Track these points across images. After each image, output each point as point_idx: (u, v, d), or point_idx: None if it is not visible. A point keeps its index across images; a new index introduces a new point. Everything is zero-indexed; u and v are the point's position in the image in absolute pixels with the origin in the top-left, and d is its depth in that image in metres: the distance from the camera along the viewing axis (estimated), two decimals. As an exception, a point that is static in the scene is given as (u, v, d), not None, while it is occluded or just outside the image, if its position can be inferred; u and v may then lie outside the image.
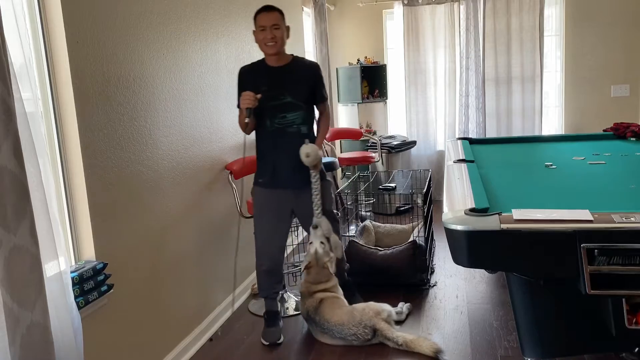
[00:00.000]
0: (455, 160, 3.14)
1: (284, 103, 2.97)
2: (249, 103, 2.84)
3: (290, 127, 3.00)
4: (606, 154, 3.29)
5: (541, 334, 2.10)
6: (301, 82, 3.03)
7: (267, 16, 2.92)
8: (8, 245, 1.56)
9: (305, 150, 2.90)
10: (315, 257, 3.07)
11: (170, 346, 2.82)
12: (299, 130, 3.01)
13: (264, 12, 2.94)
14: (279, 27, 2.93)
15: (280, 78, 2.98)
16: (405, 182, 4.70)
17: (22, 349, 1.60)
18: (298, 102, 3.00)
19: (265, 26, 2.90)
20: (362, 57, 6.23)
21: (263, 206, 3.11)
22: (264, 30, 2.91)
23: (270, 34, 2.90)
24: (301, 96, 3.01)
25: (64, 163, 2.18)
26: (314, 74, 3.10)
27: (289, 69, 3.03)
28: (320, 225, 3.06)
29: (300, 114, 3.01)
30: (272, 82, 2.96)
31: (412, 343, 2.86)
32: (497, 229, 1.89)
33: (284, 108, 2.98)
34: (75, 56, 2.14)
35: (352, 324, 2.94)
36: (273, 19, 2.92)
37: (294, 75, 3.02)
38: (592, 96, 5.78)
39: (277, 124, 2.99)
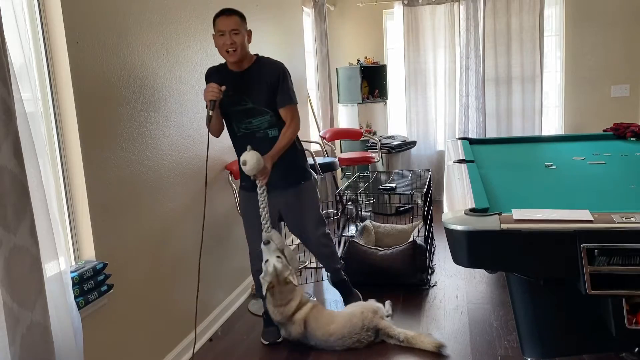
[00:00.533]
0: (455, 161, 3.14)
1: (247, 108, 2.87)
2: (212, 95, 2.69)
3: (258, 132, 2.90)
4: (606, 154, 3.29)
5: (541, 334, 2.10)
6: (262, 85, 2.86)
7: (226, 20, 2.74)
8: (8, 245, 1.56)
9: (242, 158, 2.71)
10: (275, 273, 2.87)
11: (170, 346, 2.82)
12: (267, 135, 2.90)
13: (222, 15, 2.76)
14: (239, 32, 2.75)
15: (241, 83, 2.85)
16: (405, 182, 4.70)
17: (22, 348, 1.60)
18: (261, 107, 2.87)
19: (224, 31, 2.74)
20: (362, 57, 6.23)
21: (247, 209, 3.06)
22: (223, 35, 2.74)
23: (230, 39, 2.73)
24: (263, 101, 2.86)
25: (64, 163, 2.18)
26: (275, 76, 2.87)
27: (250, 73, 2.87)
28: (271, 239, 2.89)
29: (266, 118, 2.89)
30: (235, 88, 2.83)
31: (414, 339, 2.87)
32: (497, 229, 1.89)
33: (248, 113, 2.88)
34: (75, 56, 2.14)
35: (354, 332, 2.91)
36: (232, 23, 2.74)
37: (254, 80, 2.87)
38: (592, 96, 5.78)
39: (243, 129, 2.91)
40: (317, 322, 2.95)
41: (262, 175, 2.78)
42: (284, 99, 2.89)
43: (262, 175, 2.78)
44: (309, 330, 2.94)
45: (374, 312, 3.00)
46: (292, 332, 2.97)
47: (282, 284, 2.90)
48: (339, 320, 2.97)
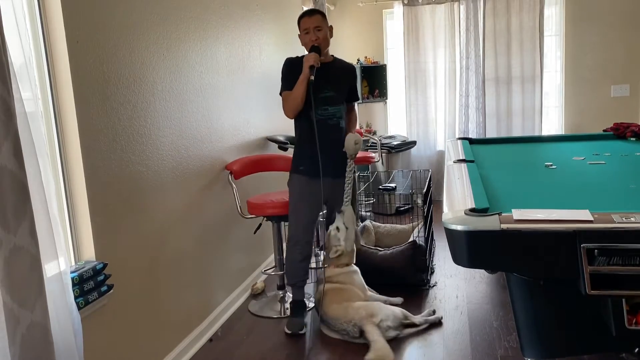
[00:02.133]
0: (455, 160, 3.14)
1: (326, 96, 3.14)
2: (312, 61, 3.00)
3: (331, 119, 3.16)
4: (606, 154, 3.29)
5: (541, 334, 2.10)
6: (342, 79, 3.25)
7: (310, 19, 3.11)
8: (8, 246, 1.56)
9: (354, 139, 3.13)
10: (328, 237, 3.20)
11: (171, 346, 2.82)
12: (338, 123, 3.19)
13: (306, 16, 3.14)
14: (322, 28, 3.10)
15: (324, 73, 3.11)
16: (405, 182, 4.70)
17: (22, 349, 1.60)
18: (338, 97, 3.20)
19: (308, 29, 3.10)
20: (362, 57, 6.23)
21: (302, 194, 3.19)
22: (308, 32, 3.10)
23: (314, 36, 3.08)
24: (341, 92, 3.23)
25: (64, 163, 2.18)
26: (352, 75, 3.36)
27: (331, 66, 3.22)
28: (344, 212, 3.18)
29: (340, 108, 3.21)
30: (320, 76, 3.08)
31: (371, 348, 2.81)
32: (497, 229, 1.89)
33: (326, 101, 3.14)
34: (75, 56, 2.14)
35: (344, 320, 3.01)
36: (315, 21, 3.10)
37: (336, 73, 3.23)
38: (592, 96, 5.78)
39: (319, 115, 3.13)
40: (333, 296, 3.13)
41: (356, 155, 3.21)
42: (356, 95, 3.41)
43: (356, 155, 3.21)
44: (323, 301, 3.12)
45: (369, 314, 2.97)
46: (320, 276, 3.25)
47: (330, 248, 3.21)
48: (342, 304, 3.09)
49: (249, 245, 3.89)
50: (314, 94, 3.09)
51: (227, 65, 3.57)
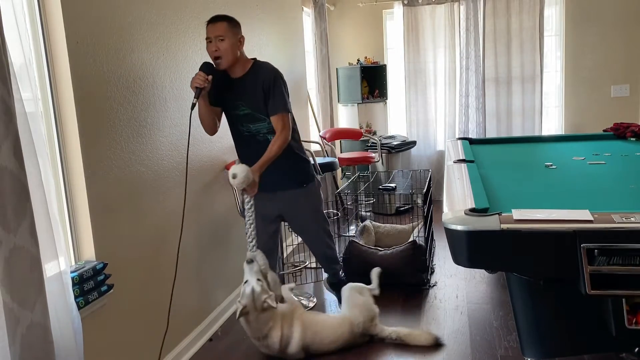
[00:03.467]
0: (455, 160, 3.14)
1: (244, 114, 2.86)
2: (198, 82, 2.63)
3: (258, 135, 2.89)
4: (606, 154, 3.29)
5: (541, 334, 2.10)
6: (256, 92, 2.81)
7: (212, 28, 2.72)
8: (8, 245, 1.56)
9: (232, 172, 2.66)
10: (252, 297, 2.65)
11: (170, 346, 2.82)
12: (267, 139, 2.85)
13: (209, 23, 2.74)
14: (224, 38, 2.70)
15: (237, 89, 2.84)
16: (405, 182, 4.69)
17: (22, 349, 1.60)
18: (257, 114, 2.84)
19: (210, 38, 2.72)
20: (362, 57, 6.23)
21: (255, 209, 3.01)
22: (210, 42, 2.72)
23: (214, 46, 2.70)
24: (258, 108, 2.83)
25: (64, 163, 2.18)
26: (267, 81, 2.80)
27: (245, 79, 2.84)
28: (255, 259, 2.74)
29: (264, 124, 2.86)
30: (232, 93, 2.85)
31: (407, 337, 2.91)
32: (497, 229, 1.89)
33: (246, 119, 2.87)
34: (75, 56, 2.14)
35: (355, 337, 2.92)
36: (217, 29, 2.70)
37: (247, 87, 2.83)
38: (592, 96, 5.78)
39: (246, 131, 2.91)
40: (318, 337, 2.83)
41: (251, 189, 2.73)
42: (275, 106, 2.81)
43: (251, 189, 2.73)
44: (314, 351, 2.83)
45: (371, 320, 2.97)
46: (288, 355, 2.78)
47: (258, 309, 2.67)
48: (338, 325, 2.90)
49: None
50: (232, 112, 2.87)
51: (227, 65, 3.56)
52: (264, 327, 2.72)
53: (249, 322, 2.70)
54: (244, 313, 2.67)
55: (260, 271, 2.72)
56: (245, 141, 2.92)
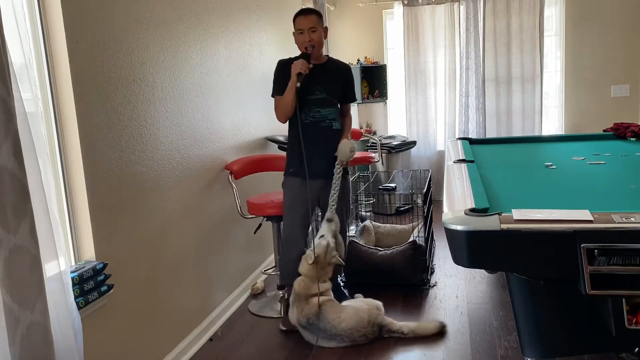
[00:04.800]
0: (455, 161, 3.14)
1: (318, 98, 3.12)
2: (301, 68, 2.95)
3: (324, 121, 3.15)
4: (606, 154, 3.29)
5: (541, 334, 2.10)
6: (335, 81, 3.19)
7: (305, 19, 3.05)
8: (8, 245, 1.56)
9: (350, 145, 3.09)
10: (326, 250, 3.01)
11: (170, 346, 2.82)
12: (331, 125, 3.16)
13: (301, 15, 3.09)
14: (316, 29, 3.05)
15: (316, 75, 3.09)
16: (405, 182, 4.69)
17: (22, 349, 1.60)
18: (332, 99, 3.16)
19: (303, 29, 3.05)
20: (362, 57, 6.23)
21: (295, 196, 3.17)
22: (302, 33, 3.05)
23: (308, 37, 3.04)
24: (335, 94, 3.17)
25: (64, 163, 2.18)
26: (347, 75, 3.26)
27: (324, 67, 3.17)
28: (333, 220, 3.09)
29: (333, 110, 3.17)
30: (311, 78, 3.05)
31: (418, 329, 3.00)
32: (497, 229, 1.89)
33: (319, 103, 3.12)
34: (75, 56, 2.14)
35: (361, 325, 2.93)
36: (310, 22, 3.05)
37: (329, 74, 3.18)
38: (592, 96, 5.78)
39: (311, 117, 3.13)
40: (331, 308, 2.99)
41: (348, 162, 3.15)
42: (353, 95, 3.33)
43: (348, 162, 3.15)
44: (322, 313, 2.95)
45: (377, 308, 3.06)
46: (305, 309, 2.98)
47: (326, 262, 3.02)
48: (348, 311, 3.01)
49: (249, 245, 3.89)
50: (305, 96, 3.08)
51: (227, 65, 3.57)
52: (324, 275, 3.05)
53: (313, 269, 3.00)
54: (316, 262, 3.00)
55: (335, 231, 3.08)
56: (308, 128, 3.11)
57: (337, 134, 3.17)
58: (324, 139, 3.13)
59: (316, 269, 3.00)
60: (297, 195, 3.15)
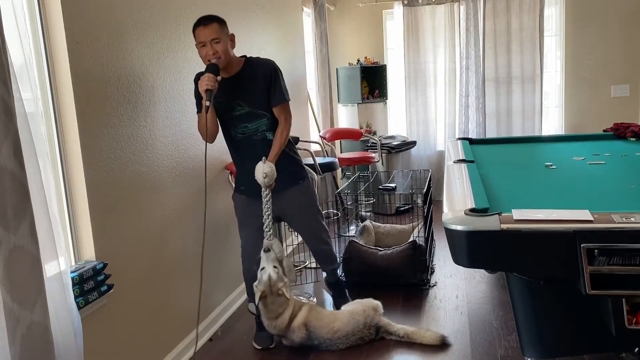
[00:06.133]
0: (455, 161, 3.14)
1: (242, 113, 2.83)
2: (208, 84, 2.59)
3: (255, 135, 2.87)
4: (606, 154, 3.29)
5: (541, 334, 2.10)
6: (255, 89, 2.81)
7: (205, 30, 2.66)
8: (8, 245, 1.56)
9: (263, 170, 2.73)
10: (269, 283, 2.84)
11: (170, 346, 2.82)
12: (265, 137, 2.88)
13: (200, 26, 2.67)
14: (219, 39, 2.67)
15: (233, 89, 2.80)
16: (405, 182, 4.69)
17: (22, 349, 1.60)
18: (257, 111, 2.83)
19: (204, 42, 2.66)
20: (362, 57, 6.23)
21: (244, 213, 3.04)
22: (204, 46, 2.67)
23: (212, 49, 2.66)
24: (259, 103, 2.82)
25: (64, 163, 2.18)
26: (266, 76, 2.81)
27: (240, 77, 2.82)
28: (272, 248, 2.87)
29: (263, 121, 2.85)
30: (227, 94, 2.79)
31: (414, 334, 2.94)
32: (497, 229, 1.89)
33: (244, 118, 2.84)
34: (75, 56, 2.14)
35: (357, 329, 2.93)
36: (211, 32, 2.65)
37: (246, 83, 2.82)
38: (592, 96, 5.78)
39: (240, 133, 2.88)
40: (319, 322, 2.94)
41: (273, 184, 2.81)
42: (277, 97, 2.84)
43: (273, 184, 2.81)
44: (312, 332, 2.91)
45: (374, 309, 3.04)
46: (294, 339, 2.93)
47: (274, 294, 2.86)
48: (341, 318, 2.97)
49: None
50: (228, 113, 2.83)
51: (227, 65, 3.56)
52: (279, 308, 2.90)
53: (265, 305, 2.88)
54: (263, 297, 2.86)
55: (277, 258, 2.88)
56: (240, 145, 2.91)
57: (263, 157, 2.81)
58: (259, 153, 2.80)
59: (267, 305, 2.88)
60: (248, 214, 2.99)
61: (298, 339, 2.92)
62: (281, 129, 2.87)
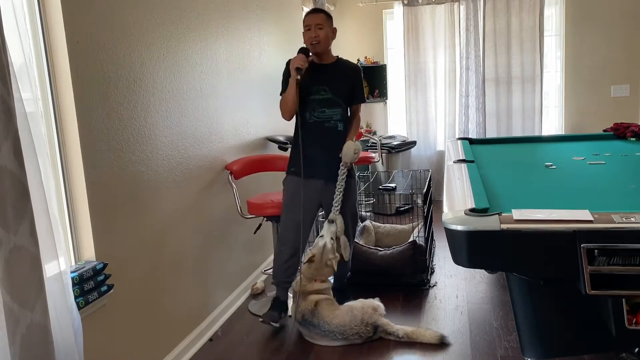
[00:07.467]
0: (455, 161, 3.14)
1: (324, 98, 3.13)
2: (299, 63, 2.99)
3: (328, 122, 3.15)
4: (606, 154, 3.29)
5: (541, 334, 2.10)
6: (342, 81, 3.18)
7: (313, 17, 3.11)
8: (8, 245, 1.56)
9: (354, 147, 3.08)
10: (322, 250, 3.06)
11: (170, 346, 2.82)
12: (335, 126, 3.16)
13: (310, 13, 3.15)
14: (323, 27, 3.09)
15: (323, 75, 3.14)
16: (405, 182, 4.69)
17: (22, 349, 1.60)
18: (337, 100, 3.15)
19: (310, 25, 3.08)
20: (362, 57, 6.23)
21: (294, 194, 3.16)
22: (309, 29, 3.08)
23: (314, 33, 3.07)
24: (340, 94, 3.16)
25: (64, 163, 2.18)
26: (355, 76, 3.25)
27: (332, 67, 3.19)
28: (336, 221, 3.10)
29: (339, 111, 3.16)
30: (316, 78, 3.11)
31: (414, 334, 2.95)
32: (497, 229, 1.89)
33: (324, 103, 3.13)
34: (75, 56, 2.14)
35: (354, 323, 2.95)
36: (317, 19, 3.09)
37: (336, 74, 3.18)
38: (592, 96, 5.78)
39: (315, 117, 3.14)
40: (326, 306, 3.03)
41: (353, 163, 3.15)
42: (361, 97, 3.30)
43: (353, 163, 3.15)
44: (317, 310, 3.00)
45: (373, 309, 3.05)
46: (301, 305, 3.05)
47: (323, 263, 3.06)
48: (342, 309, 3.06)
49: (249, 245, 3.89)
50: (310, 96, 3.11)
51: (227, 65, 3.57)
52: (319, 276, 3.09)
53: (309, 268, 3.07)
54: (310, 260, 3.07)
55: (336, 233, 3.10)
56: (312, 128, 3.15)
57: (341, 135, 3.16)
58: (327, 140, 3.14)
59: (311, 268, 3.06)
60: (295, 195, 3.15)
61: (305, 307, 3.04)
62: (356, 122, 3.30)
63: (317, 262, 3.07)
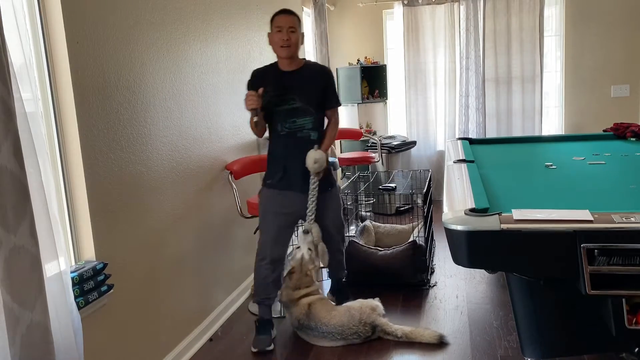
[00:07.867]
0: (455, 161, 3.14)
1: (293, 108, 2.98)
2: (252, 104, 2.85)
3: (300, 131, 3.00)
4: (606, 154, 3.29)
5: (541, 334, 2.10)
6: (311, 87, 3.02)
7: (285, 18, 2.94)
8: (8, 245, 1.56)
9: (314, 157, 2.92)
10: (300, 262, 3.06)
11: (170, 346, 2.82)
12: (308, 135, 3.01)
13: (282, 14, 2.96)
14: (295, 30, 2.95)
15: (290, 83, 2.98)
16: (405, 182, 4.69)
17: (22, 349, 1.60)
18: (308, 107, 3.00)
19: (282, 27, 2.92)
20: (362, 57, 6.23)
21: (268, 208, 3.06)
22: (280, 31, 2.92)
23: (286, 36, 2.91)
24: (311, 101, 3.00)
25: (64, 163, 2.18)
26: (325, 79, 3.09)
27: (300, 73, 3.02)
28: (310, 231, 3.04)
29: (310, 119, 3.01)
30: (283, 87, 2.96)
31: (412, 334, 2.94)
32: (497, 229, 1.89)
33: (294, 113, 2.98)
34: (75, 56, 2.14)
35: (352, 323, 2.95)
36: (290, 21, 2.94)
37: (304, 80, 3.01)
38: (592, 96, 5.78)
39: (287, 128, 3.00)
40: (321, 307, 3.03)
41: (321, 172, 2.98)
42: (334, 100, 3.13)
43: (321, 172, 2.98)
44: (312, 312, 3.00)
45: (372, 308, 3.05)
46: (294, 312, 3.05)
47: (303, 273, 3.06)
48: (339, 309, 3.05)
49: (249, 245, 3.88)
50: (278, 106, 2.97)
51: (227, 65, 3.57)
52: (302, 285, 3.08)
53: (291, 279, 3.08)
54: (291, 272, 3.07)
55: (313, 242, 3.07)
56: (284, 140, 3.03)
57: (314, 144, 2.99)
58: (301, 151, 2.96)
59: (293, 279, 3.07)
60: (272, 209, 3.04)
61: (297, 313, 3.03)
62: (332, 127, 3.14)
63: (297, 273, 3.07)
